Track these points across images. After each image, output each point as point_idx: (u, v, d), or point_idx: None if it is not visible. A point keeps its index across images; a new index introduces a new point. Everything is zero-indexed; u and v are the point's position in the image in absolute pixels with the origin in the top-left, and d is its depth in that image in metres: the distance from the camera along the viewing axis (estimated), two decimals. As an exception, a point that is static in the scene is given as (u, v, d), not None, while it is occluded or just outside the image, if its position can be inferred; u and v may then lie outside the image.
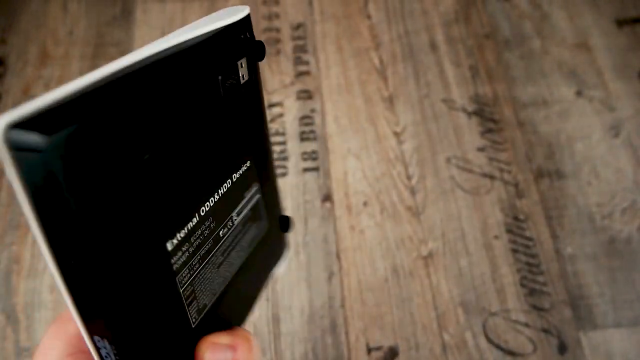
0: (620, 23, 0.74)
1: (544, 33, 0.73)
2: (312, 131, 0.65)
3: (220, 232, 0.22)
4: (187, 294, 0.20)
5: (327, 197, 0.61)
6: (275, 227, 0.27)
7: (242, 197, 0.23)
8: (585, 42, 0.73)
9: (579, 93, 0.69)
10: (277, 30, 0.73)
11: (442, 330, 0.55)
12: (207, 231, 0.21)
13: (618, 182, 0.63)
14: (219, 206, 0.21)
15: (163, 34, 0.72)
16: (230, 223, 0.23)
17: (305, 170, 0.63)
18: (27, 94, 0.67)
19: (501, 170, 0.63)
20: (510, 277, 0.57)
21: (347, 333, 0.55)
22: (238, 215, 0.23)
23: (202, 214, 0.20)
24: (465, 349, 0.54)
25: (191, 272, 0.20)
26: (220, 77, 0.20)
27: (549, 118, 0.67)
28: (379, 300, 0.56)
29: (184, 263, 0.20)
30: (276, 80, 0.69)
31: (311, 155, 0.64)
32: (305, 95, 0.68)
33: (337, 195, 0.61)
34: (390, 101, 0.68)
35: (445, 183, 0.62)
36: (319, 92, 0.68)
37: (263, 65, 0.70)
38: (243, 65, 0.22)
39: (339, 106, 0.67)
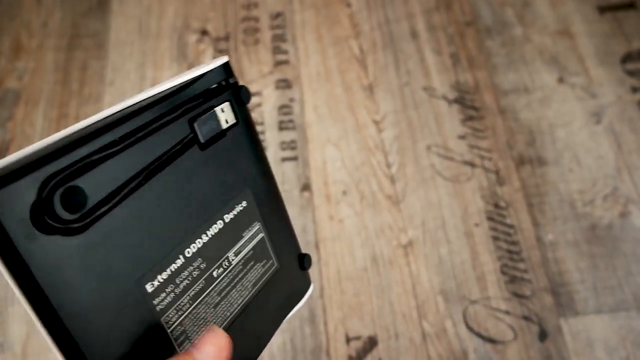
0: (602, 10, 0.74)
1: (525, 20, 0.73)
2: (290, 120, 0.64)
3: (214, 272, 0.22)
4: (177, 334, 0.20)
5: (306, 187, 0.61)
6: (289, 265, 0.26)
7: (240, 237, 0.23)
8: (567, 29, 0.72)
9: (560, 80, 0.68)
10: (256, 19, 0.72)
11: (422, 319, 0.54)
12: (196, 272, 0.21)
13: (599, 169, 0.63)
14: (210, 247, 0.21)
15: (140, 24, 0.71)
16: (226, 263, 0.22)
17: (284, 159, 0.62)
18: (0, 87, 0.66)
19: (482, 157, 0.63)
20: (491, 265, 0.57)
21: (325, 323, 0.54)
22: (236, 255, 0.23)
23: (188, 255, 0.20)
24: (445, 337, 0.53)
25: (180, 313, 0.20)
26: (196, 124, 0.21)
27: (531, 105, 0.67)
28: (358, 290, 0.55)
29: (170, 304, 0.20)
30: (254, 70, 0.68)
31: (290, 145, 0.63)
32: (284, 84, 0.67)
33: (316, 185, 0.61)
34: (370, 89, 0.67)
35: (425, 171, 0.62)
36: (298, 81, 0.67)
37: (241, 54, 0.69)
38: (225, 110, 0.23)
39: (318, 95, 0.66)
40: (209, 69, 0.23)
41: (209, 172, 0.22)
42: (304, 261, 0.27)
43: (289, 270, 0.26)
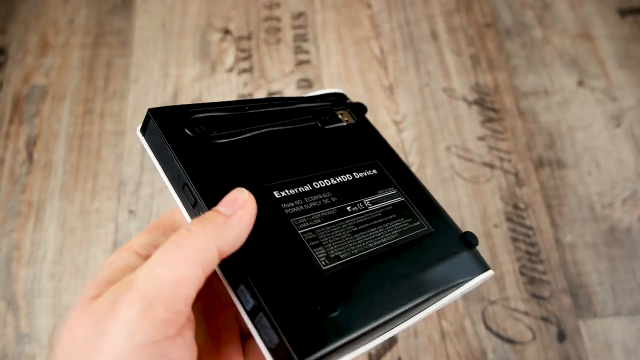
0: (624, 13, 0.74)
1: (545, 22, 0.73)
2: (312, 120, 0.65)
3: (347, 207, 0.26)
4: (309, 237, 0.23)
5: (327, 186, 0.61)
6: (446, 235, 0.28)
7: (375, 193, 0.28)
8: (587, 32, 0.72)
9: (580, 83, 0.69)
10: (278, 19, 0.72)
11: (441, 318, 0.55)
12: (326, 200, 0.26)
13: (619, 172, 0.63)
14: (340, 188, 0.27)
15: (163, 22, 0.72)
16: (360, 205, 0.26)
17: (305, 158, 0.63)
18: (27, 83, 0.68)
19: (501, 159, 0.63)
20: (510, 266, 0.57)
21: (345, 320, 0.55)
22: (372, 204, 0.27)
23: (317, 186, 0.26)
24: (464, 336, 0.54)
25: (311, 223, 0.24)
26: (314, 114, 0.30)
27: (550, 108, 0.67)
28: (378, 288, 0.56)
29: (299, 212, 0.24)
30: (276, 69, 0.69)
31: (311, 144, 0.64)
32: (305, 84, 0.68)
33: (337, 184, 0.61)
34: (390, 90, 0.68)
35: (445, 172, 0.62)
36: (319, 80, 0.68)
37: (263, 53, 0.70)
38: (343, 113, 0.32)
39: (339, 95, 0.67)
40: (328, 92, 0.33)
41: (330, 142, 0.29)
42: (465, 238, 0.28)
43: (449, 239, 0.28)
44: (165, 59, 0.69)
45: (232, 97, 0.67)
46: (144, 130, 0.25)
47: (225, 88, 0.67)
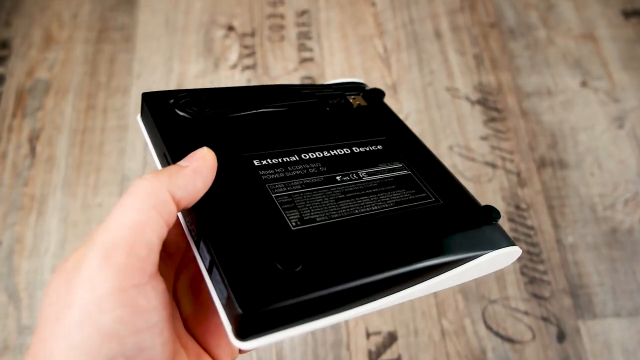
0: (628, 14, 0.74)
1: (549, 23, 0.73)
2: (314, 117, 0.65)
3: (337, 177, 0.25)
4: (283, 200, 0.23)
5: (329, 183, 0.61)
6: (466, 211, 0.25)
7: (375, 165, 0.26)
8: (591, 33, 0.72)
9: (583, 84, 0.69)
10: (282, 16, 0.72)
11: (441, 316, 0.55)
12: (312, 169, 0.25)
13: (621, 174, 0.63)
14: (332, 160, 0.26)
15: (167, 18, 0.72)
16: (354, 175, 0.25)
17: (307, 156, 0.63)
18: (30, 77, 0.68)
19: (503, 159, 0.63)
20: (510, 265, 0.57)
21: (346, 318, 0.55)
22: (369, 175, 0.26)
23: (305, 158, 0.25)
24: (464, 335, 0.54)
25: (288, 189, 0.23)
26: (320, 97, 0.30)
27: (553, 108, 0.67)
28: (378, 286, 0.56)
29: (276, 179, 0.24)
30: (279, 66, 0.69)
31: (313, 141, 0.64)
32: (309, 81, 0.68)
33: (339, 182, 0.61)
34: (393, 89, 0.68)
35: (447, 171, 0.62)
36: (323, 78, 0.68)
37: (266, 50, 0.70)
38: (355, 97, 0.31)
39: (342, 93, 0.67)
40: (347, 80, 0.33)
41: (329, 121, 0.28)
42: (483, 212, 0.25)
43: (460, 212, 0.25)
44: (169, 55, 0.69)
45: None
46: (143, 116, 0.26)
47: (228, 84, 0.67)
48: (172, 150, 0.23)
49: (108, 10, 0.73)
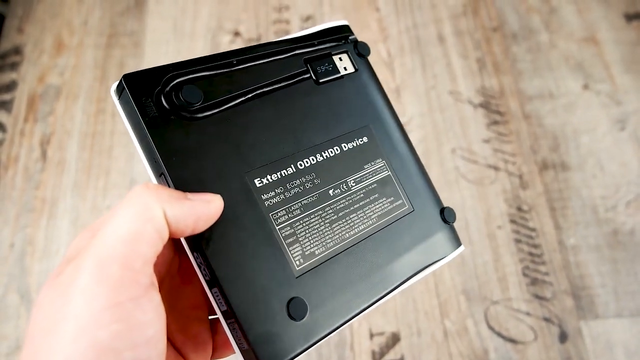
0: (630, 18, 0.74)
1: (551, 27, 0.74)
2: (319, 121, 0.66)
3: (330, 191, 0.25)
4: (286, 234, 0.23)
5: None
6: (427, 212, 0.27)
7: (361, 168, 0.26)
8: (593, 36, 0.73)
9: (585, 86, 0.69)
10: (287, 22, 0.74)
11: (444, 317, 0.56)
12: (308, 184, 0.24)
13: (623, 176, 0.63)
14: (325, 167, 0.25)
15: (175, 24, 0.74)
16: (344, 186, 0.25)
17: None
18: (42, 83, 0.69)
19: (506, 161, 0.64)
20: (513, 267, 0.58)
21: (350, 318, 0.56)
22: (357, 183, 0.25)
23: (301, 167, 0.24)
24: (466, 335, 0.55)
25: (290, 215, 0.23)
26: (311, 64, 0.26)
27: (555, 111, 0.68)
28: (382, 287, 0.57)
29: (279, 204, 0.23)
30: (285, 71, 0.70)
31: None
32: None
33: (343, 184, 0.62)
34: (397, 92, 0.69)
35: (449, 173, 0.63)
36: (327, 82, 0.69)
37: (272, 55, 0.71)
38: (343, 59, 0.27)
39: (346, 97, 0.68)
40: (330, 26, 0.28)
41: (323, 103, 0.26)
42: (443, 214, 0.27)
43: (427, 217, 0.27)
44: (177, 60, 0.71)
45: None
46: (119, 94, 0.22)
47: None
48: (172, 172, 0.21)
49: (117, 16, 0.74)
